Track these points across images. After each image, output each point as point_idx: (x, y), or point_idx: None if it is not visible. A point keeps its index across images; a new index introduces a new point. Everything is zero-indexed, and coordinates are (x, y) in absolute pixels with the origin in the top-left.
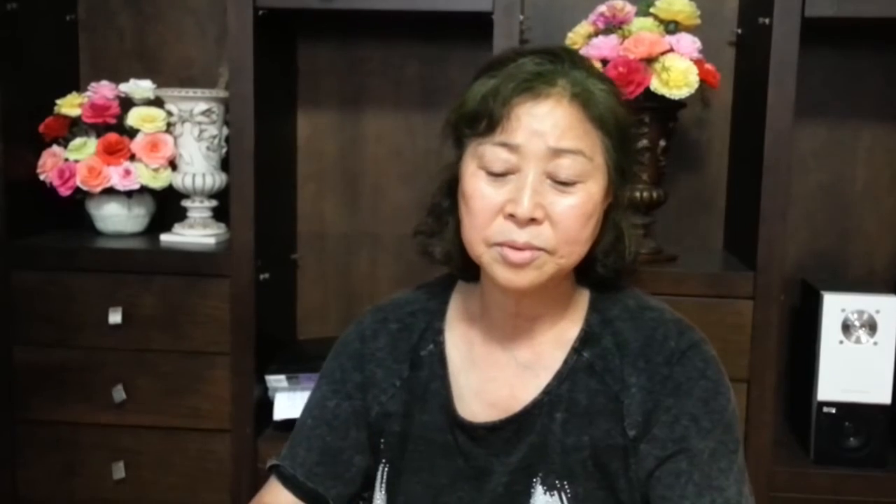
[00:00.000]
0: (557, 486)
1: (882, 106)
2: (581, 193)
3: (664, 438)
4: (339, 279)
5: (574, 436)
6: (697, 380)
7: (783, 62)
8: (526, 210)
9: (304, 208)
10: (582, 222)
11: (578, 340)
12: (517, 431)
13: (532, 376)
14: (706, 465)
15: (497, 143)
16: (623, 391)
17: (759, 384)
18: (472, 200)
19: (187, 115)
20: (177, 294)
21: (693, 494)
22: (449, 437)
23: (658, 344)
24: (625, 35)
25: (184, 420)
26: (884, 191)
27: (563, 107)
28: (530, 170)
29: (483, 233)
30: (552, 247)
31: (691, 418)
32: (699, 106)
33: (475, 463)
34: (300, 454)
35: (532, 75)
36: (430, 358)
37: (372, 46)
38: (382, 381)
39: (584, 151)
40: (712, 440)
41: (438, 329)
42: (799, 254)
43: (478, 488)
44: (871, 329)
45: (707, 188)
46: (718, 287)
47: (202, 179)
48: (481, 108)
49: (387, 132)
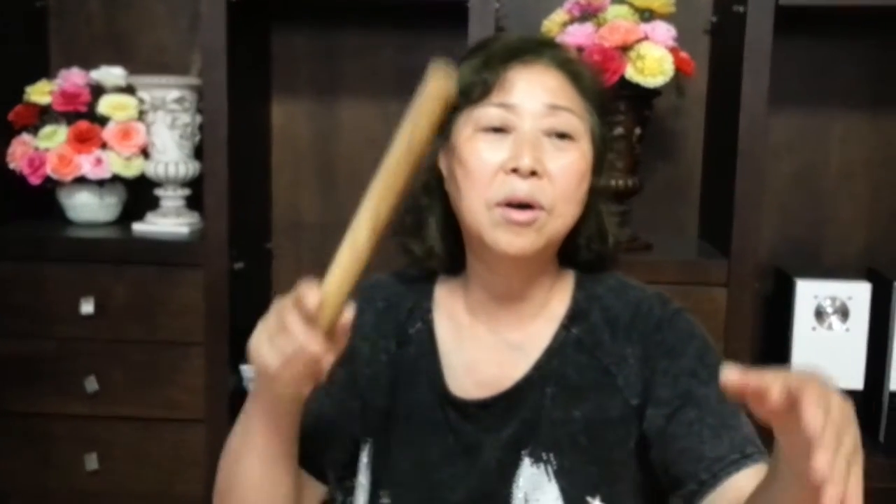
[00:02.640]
0: (544, 457)
1: (855, 94)
2: (575, 151)
3: (668, 397)
4: (316, 268)
5: (564, 410)
6: (688, 340)
7: (757, 50)
8: (528, 162)
9: (279, 197)
10: (577, 179)
11: (567, 317)
12: (508, 408)
13: (521, 355)
14: (716, 409)
15: (494, 104)
16: (616, 364)
17: None
18: (471, 161)
19: (160, 102)
20: (150, 284)
21: (710, 437)
22: (439, 414)
23: (644, 315)
24: (600, 23)
25: (158, 411)
26: (857, 178)
27: (552, 72)
28: (528, 126)
29: (485, 193)
30: (550, 203)
31: (690, 373)
32: (674, 94)
33: (465, 439)
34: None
35: (519, 47)
36: (418, 335)
37: (347, 34)
38: (367, 356)
39: (575, 111)
40: (715, 388)
41: (427, 308)
42: (773, 241)
43: (469, 464)
44: (844, 315)
45: (682, 176)
46: (693, 274)
47: (175, 168)
48: (474, 79)
49: (362, 120)
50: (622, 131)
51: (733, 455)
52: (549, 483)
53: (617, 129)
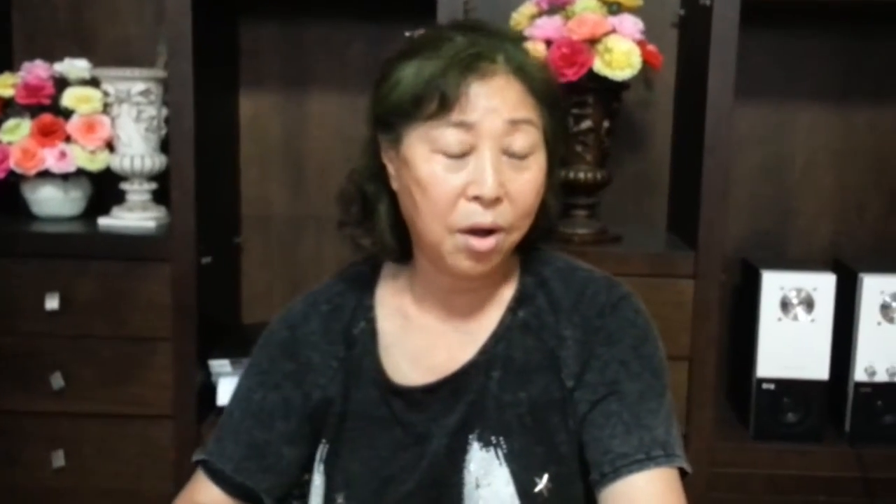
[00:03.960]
0: (493, 441)
1: (821, 86)
2: (534, 166)
3: (595, 383)
4: (285, 262)
5: (510, 392)
6: (627, 328)
7: (723, 43)
8: (492, 190)
9: (247, 191)
10: (535, 195)
11: (513, 300)
12: (454, 392)
13: (470, 339)
14: (635, 406)
15: (453, 123)
16: (558, 346)
17: (700, 362)
18: (430, 187)
19: (125, 95)
20: (116, 279)
21: (622, 433)
22: (385, 410)
23: (589, 299)
24: (568, 16)
25: (125, 407)
26: (822, 171)
27: (510, 82)
28: (487, 148)
29: (446, 219)
30: (510, 224)
31: (621, 363)
32: (642, 87)
33: (413, 430)
34: (228, 448)
35: (474, 55)
36: (362, 335)
37: (315, 26)
38: (319, 364)
39: (533, 121)
40: (641, 382)
41: (369, 305)
42: (740, 233)
43: (418, 454)
44: (809, 306)
45: (651, 169)
46: (660, 266)
47: (141, 161)
48: (428, 90)
49: (331, 113)
50: (591, 124)
51: (638, 455)
52: (500, 467)
53: (585, 121)
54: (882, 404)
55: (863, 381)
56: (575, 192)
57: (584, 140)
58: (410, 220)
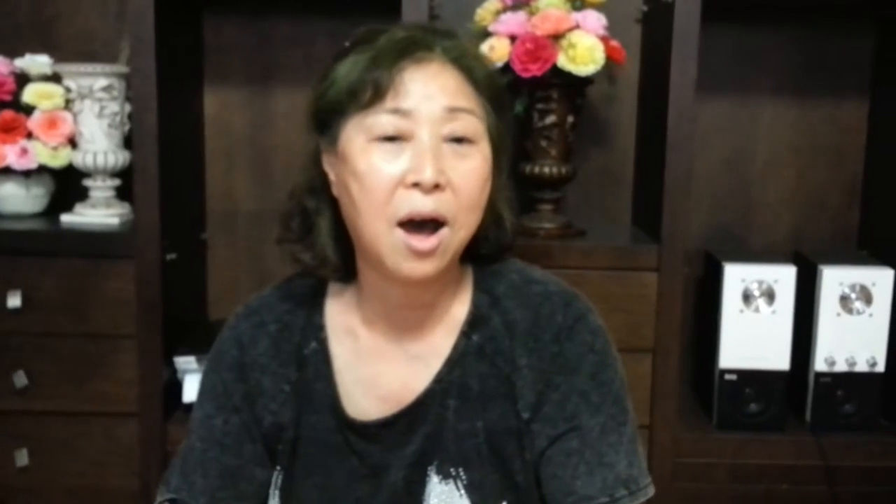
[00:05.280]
0: (452, 473)
1: (781, 82)
2: (477, 155)
3: (555, 417)
4: (251, 258)
5: (468, 421)
6: (585, 354)
7: (685, 39)
8: (431, 175)
9: (213, 187)
10: (480, 186)
11: (466, 323)
12: (411, 424)
13: (423, 365)
14: (597, 442)
15: (387, 110)
16: (514, 372)
17: (663, 354)
18: (368, 177)
19: (87, 91)
20: (79, 276)
21: (584, 473)
22: (340, 438)
23: (545, 320)
24: (532, 12)
25: (89, 405)
26: (783, 164)
27: (448, 70)
28: (426, 134)
29: (384, 211)
30: (453, 215)
31: (581, 394)
32: (606, 82)
33: (370, 461)
34: (198, 482)
35: (411, 43)
36: (314, 356)
37: (280, 22)
38: (270, 389)
39: (475, 112)
40: (602, 415)
41: (319, 325)
42: (703, 226)
43: (375, 485)
44: (770, 298)
45: (615, 163)
46: (624, 260)
47: (104, 158)
48: (363, 78)
49: (297, 108)
50: (555, 119)
51: (602, 498)
52: (461, 498)
53: (550, 116)
54: (842, 394)
55: (823, 371)
56: (540, 187)
57: (548, 135)
58: (351, 223)
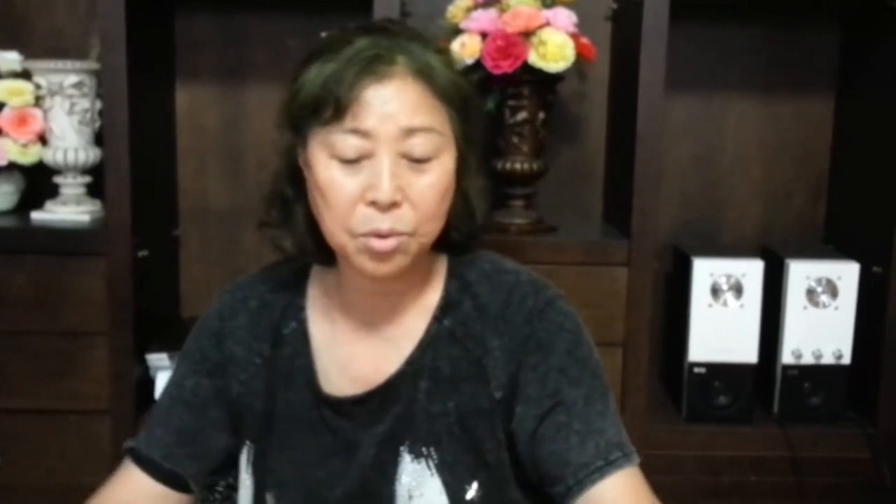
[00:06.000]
0: (424, 452)
1: (749, 78)
2: (436, 170)
3: (538, 396)
4: (224, 255)
5: (439, 403)
6: (558, 333)
7: (654, 37)
8: (387, 194)
9: (185, 184)
10: (439, 199)
11: (439, 308)
12: (382, 403)
13: (395, 348)
14: (583, 412)
15: (347, 130)
16: (485, 355)
17: (633, 347)
18: (329, 192)
19: (57, 87)
20: (50, 273)
21: (577, 443)
22: (315, 414)
23: (516, 304)
24: (503, 9)
25: (61, 402)
26: (751, 160)
27: (409, 85)
28: (384, 153)
29: (345, 223)
30: (413, 228)
31: (559, 371)
32: (577, 79)
33: (343, 437)
34: (157, 435)
35: (371, 57)
36: (293, 336)
37: (252, 18)
38: (242, 360)
39: (434, 127)
40: (583, 387)
41: (300, 306)
42: (673, 222)
43: (346, 461)
44: (738, 292)
45: (586, 159)
46: (594, 255)
47: (74, 154)
48: (324, 94)
49: (269, 105)
50: (526, 116)
51: (598, 462)
52: (432, 477)
53: (521, 113)
54: (809, 386)
55: (790, 364)
56: (511, 183)
57: (519, 131)
58: (320, 223)
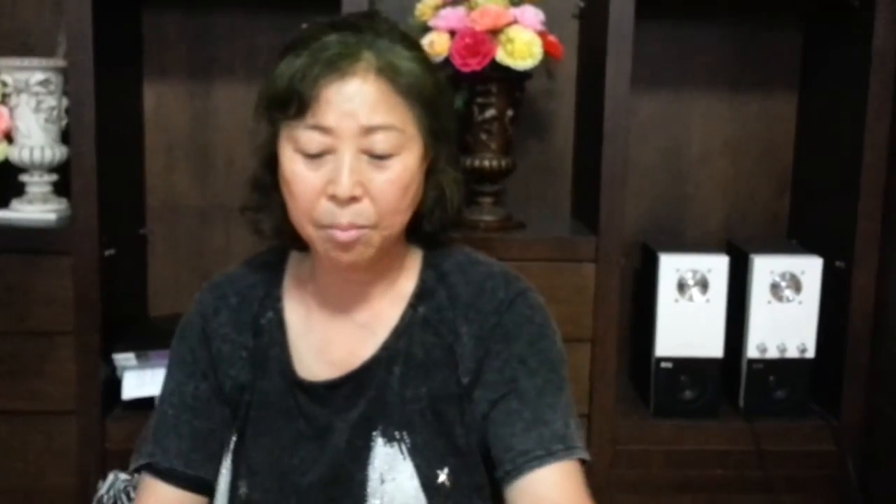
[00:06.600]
0: (397, 436)
1: (714, 75)
2: (397, 166)
3: (495, 381)
4: (192, 253)
5: (412, 388)
6: (524, 324)
7: (620, 35)
8: (345, 189)
9: (153, 182)
10: (400, 194)
11: (414, 296)
12: (356, 387)
13: (370, 334)
14: (534, 402)
15: (309, 126)
16: (456, 342)
17: (601, 343)
18: (293, 185)
19: (23, 85)
20: (15, 273)
21: (522, 430)
22: (290, 400)
23: (487, 295)
24: (471, 7)
25: (26, 403)
26: (717, 156)
27: (371, 83)
28: (345, 149)
29: (310, 215)
30: (374, 222)
31: (519, 360)
32: (545, 77)
33: (316, 422)
34: (171, 445)
35: (336, 54)
36: (269, 325)
37: (221, 15)
38: (229, 356)
39: (395, 125)
40: (539, 378)
41: (277, 296)
42: (640, 218)
43: (320, 447)
44: (704, 287)
45: (555, 156)
46: (562, 251)
47: (41, 152)
48: (289, 90)
49: (238, 102)
50: (495, 113)
51: (538, 451)
52: (404, 461)
53: (489, 110)
54: (773, 379)
55: (755, 358)
56: (480, 180)
57: (488, 128)
58: (290, 213)
